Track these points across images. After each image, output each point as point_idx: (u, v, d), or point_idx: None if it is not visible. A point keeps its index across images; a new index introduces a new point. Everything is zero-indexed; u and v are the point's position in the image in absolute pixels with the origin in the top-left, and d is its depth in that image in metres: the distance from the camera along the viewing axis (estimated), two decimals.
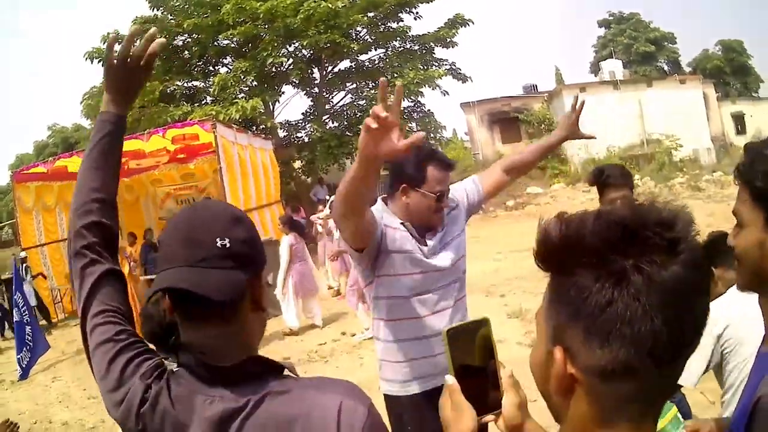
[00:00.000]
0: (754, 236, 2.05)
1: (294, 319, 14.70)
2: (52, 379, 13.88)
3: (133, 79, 2.56)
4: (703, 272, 1.31)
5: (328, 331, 14.41)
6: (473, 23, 34.70)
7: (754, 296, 2.17)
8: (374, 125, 2.88)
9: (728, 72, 67.22)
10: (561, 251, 1.34)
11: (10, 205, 58.57)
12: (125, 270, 15.98)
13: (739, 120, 48.63)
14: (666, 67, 69.05)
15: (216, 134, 17.86)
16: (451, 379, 1.77)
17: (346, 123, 34.84)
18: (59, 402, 12.10)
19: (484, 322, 1.85)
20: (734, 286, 3.69)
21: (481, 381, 1.82)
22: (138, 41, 2.48)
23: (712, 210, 22.01)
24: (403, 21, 35.11)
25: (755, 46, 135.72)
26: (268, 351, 13.24)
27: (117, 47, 2.46)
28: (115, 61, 2.48)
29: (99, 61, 31.25)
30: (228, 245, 1.93)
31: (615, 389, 1.30)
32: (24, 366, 14.23)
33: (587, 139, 4.74)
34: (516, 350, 10.31)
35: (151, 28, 2.54)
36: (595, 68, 64.80)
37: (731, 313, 3.67)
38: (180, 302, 1.96)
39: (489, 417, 1.81)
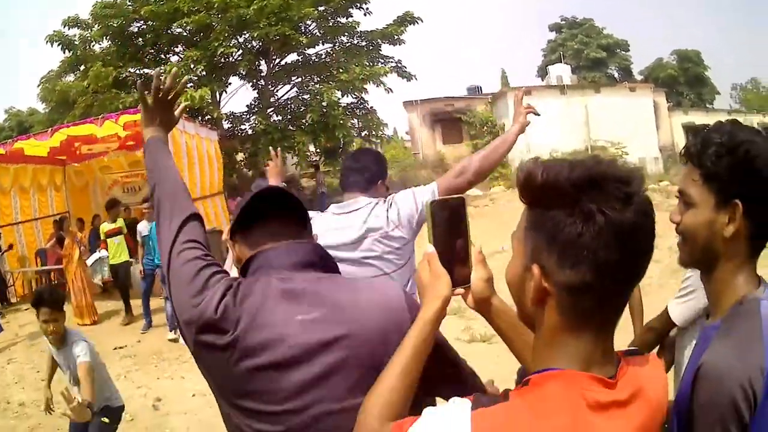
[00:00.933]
0: (704, 216, 2.20)
1: None
2: (7, 361, 13.92)
3: (166, 110, 3.13)
4: (649, 219, 1.61)
5: None
6: (422, 21, 34.56)
7: None
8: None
9: (682, 82, 66.06)
10: (542, 191, 1.63)
11: None
12: (75, 255, 16.32)
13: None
14: (617, 75, 67.89)
15: None
16: (431, 248, 2.06)
17: (289, 117, 34.71)
18: (15, 383, 12.22)
19: (461, 201, 2.12)
20: None
21: (453, 257, 2.09)
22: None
23: (657, 219, 22.21)
24: (352, 16, 34.94)
25: (714, 57, 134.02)
26: None
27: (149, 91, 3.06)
28: (149, 100, 3.04)
29: (59, 45, 31.29)
30: None
31: (580, 303, 1.61)
32: None
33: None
34: (456, 346, 10.54)
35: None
36: (543, 72, 63.52)
37: None
38: None
39: (459, 290, 2.13)
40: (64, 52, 32.26)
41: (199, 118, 28.32)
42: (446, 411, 1.62)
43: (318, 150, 34.82)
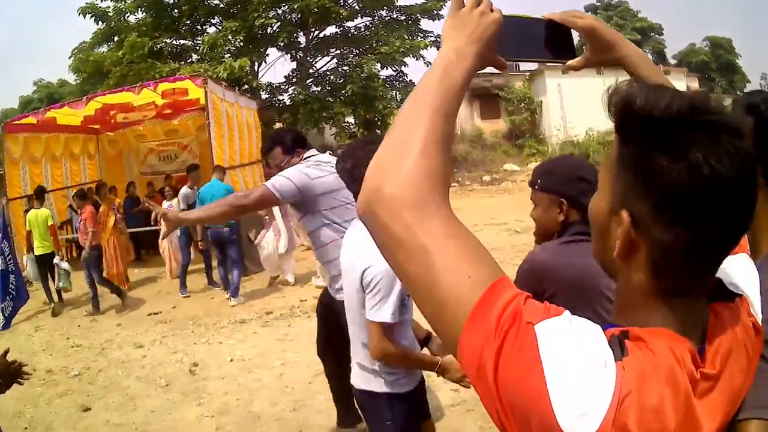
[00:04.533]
0: None
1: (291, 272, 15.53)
2: (34, 328, 13.82)
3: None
4: (754, 179, 1.33)
5: (310, 288, 14.49)
6: None
7: None
8: None
9: (714, 68, 66.62)
10: (643, 124, 1.32)
11: None
12: (110, 222, 16.07)
13: None
14: (651, 57, 68.05)
15: (207, 90, 17.90)
16: None
17: (329, 88, 34.72)
18: (43, 350, 12.05)
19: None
20: None
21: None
22: None
23: None
24: None
25: (744, 45, 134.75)
26: (250, 306, 13.70)
27: None
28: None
29: (92, 17, 31.33)
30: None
31: (674, 266, 1.34)
32: (6, 316, 14.02)
33: None
34: None
35: None
36: (579, 52, 63.58)
37: None
38: None
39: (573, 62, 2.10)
40: (97, 24, 32.22)
41: (238, 88, 27.75)
42: (593, 338, 1.24)
43: (357, 121, 34.60)
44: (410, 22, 35.40)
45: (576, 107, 40.11)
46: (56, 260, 15.04)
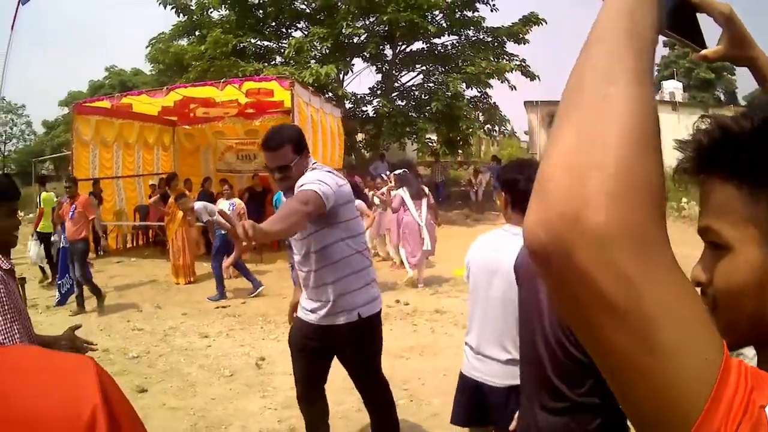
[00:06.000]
0: None
1: None
2: (93, 309, 13.48)
3: None
4: None
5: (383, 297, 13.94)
6: (546, 23, 34.27)
7: None
8: None
9: None
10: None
11: (55, 140, 58.06)
12: (179, 214, 16.09)
13: None
14: (723, 97, 69.84)
15: (293, 93, 17.98)
16: None
17: (413, 103, 34.68)
18: (100, 330, 11.88)
19: None
20: None
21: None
22: None
23: None
24: (479, 11, 34.87)
25: None
26: None
27: None
28: None
29: (172, 8, 31.61)
30: None
31: None
32: (63, 292, 13.86)
33: None
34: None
35: None
36: (656, 87, 65.20)
37: None
38: None
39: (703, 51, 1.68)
40: (178, 16, 32.45)
41: (322, 94, 27.56)
42: None
43: (440, 139, 34.76)
44: (496, 44, 35.10)
45: None
46: (53, 238, 15.13)
